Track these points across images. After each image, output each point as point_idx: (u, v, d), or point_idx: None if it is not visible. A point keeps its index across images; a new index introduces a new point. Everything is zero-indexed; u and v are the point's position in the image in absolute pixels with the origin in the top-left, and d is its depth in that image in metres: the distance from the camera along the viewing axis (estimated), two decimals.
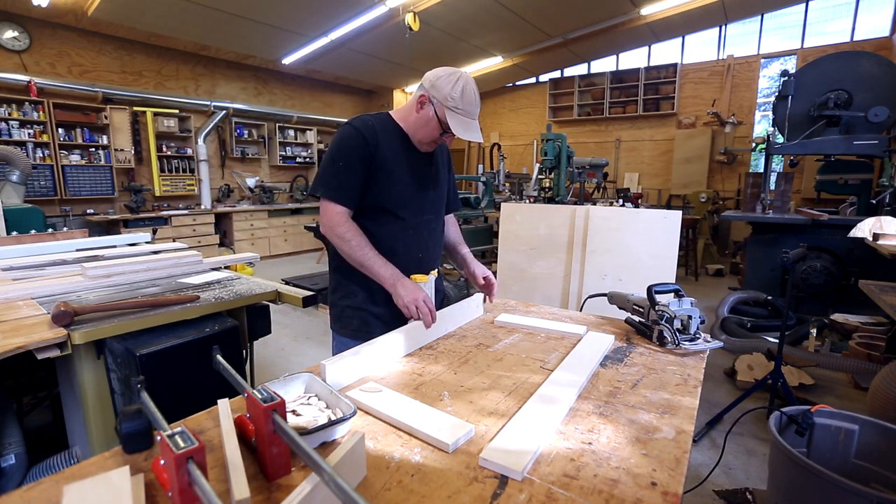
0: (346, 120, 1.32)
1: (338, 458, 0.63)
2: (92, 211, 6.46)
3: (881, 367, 2.53)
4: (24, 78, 5.70)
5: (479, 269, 1.60)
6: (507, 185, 7.36)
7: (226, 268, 2.35)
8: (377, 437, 0.81)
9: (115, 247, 2.70)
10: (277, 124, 8.57)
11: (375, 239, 1.40)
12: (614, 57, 9.27)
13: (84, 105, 6.23)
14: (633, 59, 9.12)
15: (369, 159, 1.37)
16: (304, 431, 0.72)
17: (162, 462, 0.61)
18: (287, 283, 5.28)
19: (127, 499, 0.60)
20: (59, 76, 6.15)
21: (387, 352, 1.13)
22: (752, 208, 4.84)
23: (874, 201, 4.10)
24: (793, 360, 3.12)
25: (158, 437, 0.60)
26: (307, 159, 9.19)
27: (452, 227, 1.75)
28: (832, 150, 4.20)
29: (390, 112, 1.50)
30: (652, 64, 8.82)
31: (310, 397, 0.87)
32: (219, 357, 0.88)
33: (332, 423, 0.76)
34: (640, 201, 5.79)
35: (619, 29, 7.74)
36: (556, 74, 10.05)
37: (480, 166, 8.52)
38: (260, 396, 0.68)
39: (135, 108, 6.69)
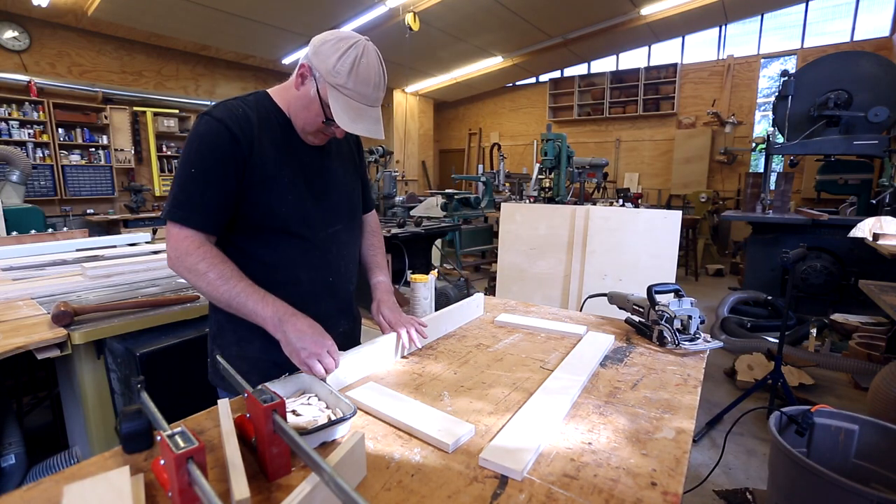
0: None
1: (338, 458, 0.63)
2: (92, 211, 6.46)
3: (881, 367, 2.53)
4: (24, 78, 5.70)
5: (388, 311, 1.19)
6: (507, 185, 7.36)
7: None
8: (377, 437, 0.81)
9: (115, 247, 2.70)
10: None
11: (269, 268, 1.08)
12: (614, 57, 9.27)
13: (84, 105, 6.23)
14: (633, 59, 9.12)
15: (241, 164, 1.00)
16: (304, 431, 0.72)
17: (162, 462, 0.61)
18: None
19: (127, 499, 0.60)
20: (59, 76, 6.15)
21: (387, 351, 1.13)
22: (752, 208, 4.84)
23: (874, 201, 4.10)
24: (793, 360, 3.12)
25: (158, 437, 0.60)
26: None
27: (371, 237, 1.36)
28: (832, 150, 4.20)
29: (269, 91, 1.13)
30: (652, 64, 8.83)
31: (310, 397, 0.87)
32: (219, 357, 0.88)
33: (332, 423, 0.76)
34: (640, 201, 5.79)
35: (619, 29, 7.74)
36: (556, 74, 10.05)
37: (480, 166, 8.52)
38: (260, 397, 0.69)
39: (135, 108, 6.69)
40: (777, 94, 4.49)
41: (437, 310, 1.41)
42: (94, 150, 6.41)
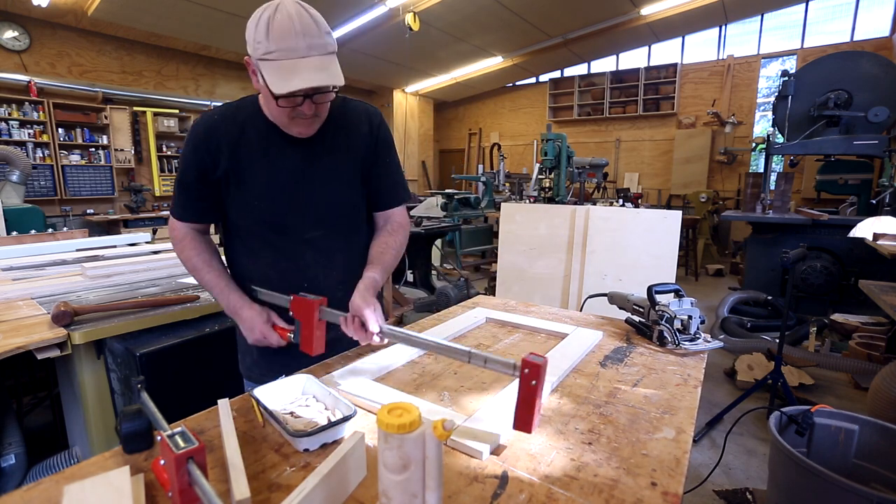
0: None
1: (338, 458, 0.63)
2: (92, 211, 6.46)
3: (881, 367, 2.53)
4: (24, 78, 5.70)
5: (357, 301, 0.95)
6: (507, 185, 7.36)
7: None
8: (377, 437, 0.80)
9: (115, 247, 2.70)
10: None
11: (250, 270, 1.15)
12: (614, 57, 9.27)
13: (84, 105, 6.23)
14: (633, 59, 9.12)
15: (205, 170, 1.04)
16: (304, 433, 0.72)
17: (162, 462, 0.61)
18: None
19: (127, 499, 0.60)
20: (59, 76, 6.15)
21: (387, 353, 1.14)
22: (752, 208, 4.84)
23: (874, 201, 4.10)
24: (793, 360, 3.12)
25: (158, 437, 0.60)
26: None
27: (386, 235, 1.20)
28: (832, 150, 4.21)
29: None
30: (652, 64, 8.83)
31: (307, 399, 0.87)
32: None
33: (332, 425, 0.75)
34: (640, 201, 5.79)
35: (619, 29, 7.74)
36: (556, 74, 10.05)
37: (480, 166, 8.53)
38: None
39: (135, 108, 6.69)
40: (777, 94, 4.50)
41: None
42: (94, 150, 6.41)
